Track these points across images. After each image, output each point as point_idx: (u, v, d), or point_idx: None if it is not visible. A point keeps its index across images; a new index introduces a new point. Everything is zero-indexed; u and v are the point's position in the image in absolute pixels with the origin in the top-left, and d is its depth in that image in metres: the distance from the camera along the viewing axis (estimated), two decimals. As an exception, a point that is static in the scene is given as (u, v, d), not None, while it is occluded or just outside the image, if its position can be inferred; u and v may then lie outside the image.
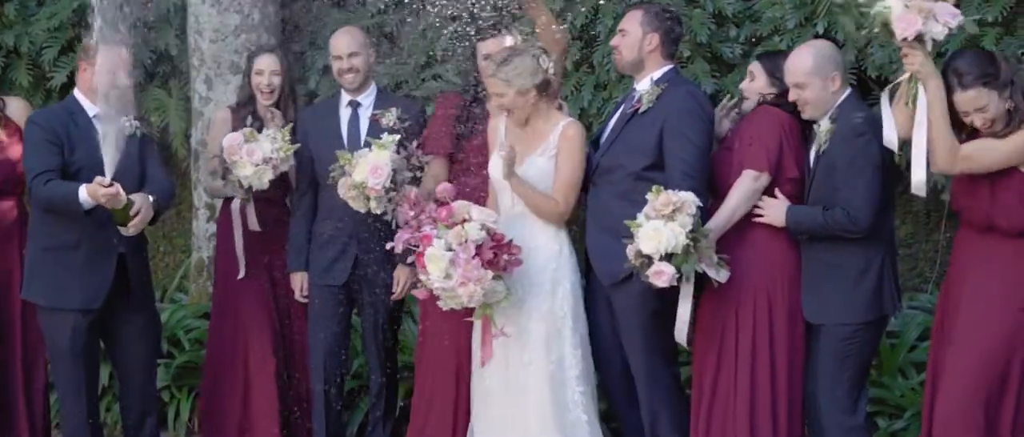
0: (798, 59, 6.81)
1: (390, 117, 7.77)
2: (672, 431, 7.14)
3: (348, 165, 7.24)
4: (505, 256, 6.69)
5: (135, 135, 7.40)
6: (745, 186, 6.80)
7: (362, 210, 7.31)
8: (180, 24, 10.06)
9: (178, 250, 10.78)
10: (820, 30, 8.70)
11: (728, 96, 7.46)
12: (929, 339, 7.02)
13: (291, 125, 7.74)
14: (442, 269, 6.59)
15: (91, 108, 7.39)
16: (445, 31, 9.46)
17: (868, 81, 8.64)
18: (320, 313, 7.85)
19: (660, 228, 6.45)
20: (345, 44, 7.84)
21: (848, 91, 6.82)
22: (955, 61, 6.37)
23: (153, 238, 10.04)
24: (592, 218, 7.16)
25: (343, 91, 7.93)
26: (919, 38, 6.22)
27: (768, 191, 6.84)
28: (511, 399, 6.99)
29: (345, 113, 7.89)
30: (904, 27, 6.21)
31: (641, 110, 7.07)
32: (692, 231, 6.47)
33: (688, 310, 6.73)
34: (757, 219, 6.80)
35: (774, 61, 7.02)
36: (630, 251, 6.56)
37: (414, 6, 9.65)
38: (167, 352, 8.83)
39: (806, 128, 6.92)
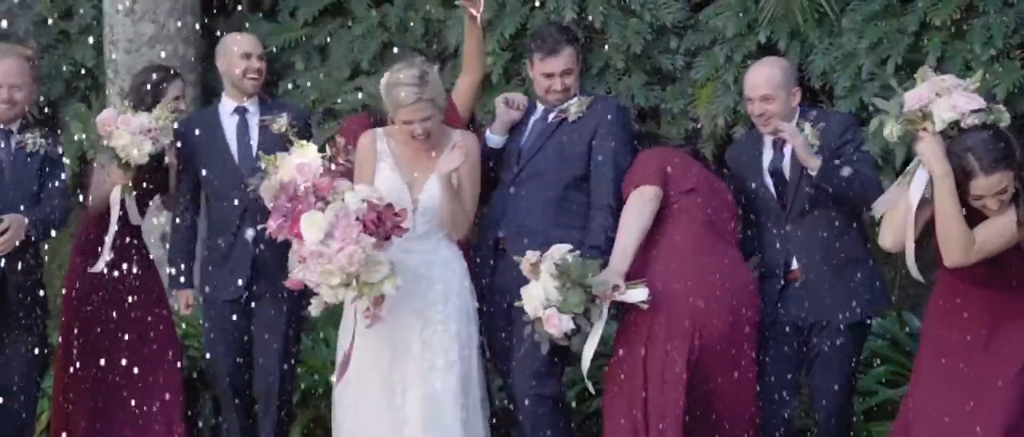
0: (766, 71, 6.77)
1: (281, 122, 7.44)
2: None
3: (272, 166, 6.88)
4: (389, 221, 6.31)
5: (37, 152, 7.17)
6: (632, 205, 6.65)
7: None
8: (98, 35, 9.66)
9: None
10: (762, 39, 8.37)
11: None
12: (878, 365, 6.98)
13: (172, 106, 7.42)
14: (320, 231, 6.21)
15: None
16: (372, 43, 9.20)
17: (811, 90, 8.33)
18: (218, 326, 7.53)
19: (529, 290, 6.34)
20: (252, 44, 7.55)
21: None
22: (968, 144, 5.87)
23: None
24: (512, 224, 6.91)
25: (226, 98, 7.57)
26: (925, 115, 5.88)
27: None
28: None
29: (231, 121, 7.51)
30: (912, 99, 5.91)
31: (570, 119, 6.95)
32: (561, 273, 6.26)
33: (591, 352, 6.39)
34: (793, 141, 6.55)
35: None
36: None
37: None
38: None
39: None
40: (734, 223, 6.77)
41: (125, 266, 7.69)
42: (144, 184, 7.44)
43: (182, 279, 7.62)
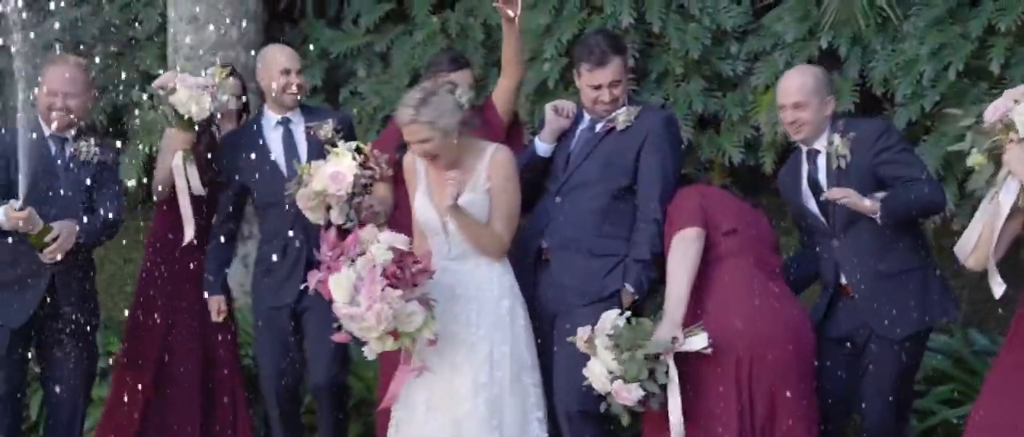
0: (799, 79, 6.67)
1: (327, 129, 7.47)
2: None
3: (307, 175, 6.96)
4: (410, 269, 6.23)
5: (91, 160, 7.28)
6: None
7: (320, 221, 6.99)
8: (163, 42, 9.72)
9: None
10: (823, 45, 8.20)
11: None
12: (941, 384, 6.88)
13: (226, 72, 7.50)
14: (347, 293, 6.18)
15: (47, 129, 7.28)
16: (433, 50, 9.18)
17: (873, 97, 8.15)
18: (267, 334, 7.56)
19: (591, 367, 6.30)
20: (291, 59, 7.57)
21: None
22: None
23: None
24: (557, 234, 6.83)
25: (269, 111, 7.59)
26: (1007, 125, 5.78)
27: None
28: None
29: (275, 133, 7.54)
30: (990, 113, 5.83)
31: (618, 129, 6.88)
32: (616, 344, 6.24)
33: (678, 407, 6.33)
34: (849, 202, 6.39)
35: None
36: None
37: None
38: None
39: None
40: (776, 255, 6.71)
41: (193, 272, 7.80)
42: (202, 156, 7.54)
43: (215, 286, 7.69)
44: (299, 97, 7.57)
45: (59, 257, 7.06)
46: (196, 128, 7.33)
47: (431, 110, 6.43)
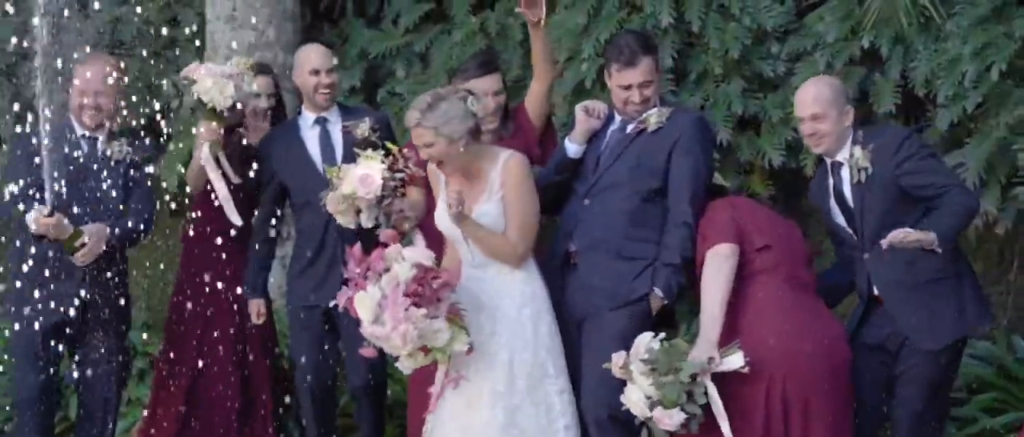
0: (815, 90, 6.59)
1: (364, 128, 7.49)
2: None
3: (336, 178, 6.98)
4: (431, 285, 6.15)
5: (123, 160, 7.34)
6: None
7: (350, 225, 7.02)
8: (201, 43, 9.70)
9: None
10: (865, 45, 8.03)
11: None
12: (982, 392, 6.76)
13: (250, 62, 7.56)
14: (372, 312, 6.13)
15: (79, 128, 7.35)
16: (471, 50, 9.14)
17: (915, 99, 7.99)
18: (303, 334, 7.57)
19: (628, 394, 6.24)
20: (323, 58, 7.59)
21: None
22: None
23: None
24: (585, 237, 6.74)
25: (306, 110, 7.62)
26: None
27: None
28: None
29: (312, 132, 7.58)
30: None
31: (649, 130, 6.81)
32: (652, 368, 6.16)
33: (727, 428, 6.25)
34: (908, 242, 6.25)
35: None
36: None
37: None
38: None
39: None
40: (809, 268, 6.61)
41: (230, 272, 7.84)
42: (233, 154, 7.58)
43: (256, 289, 7.73)
44: (331, 97, 7.56)
45: (90, 260, 7.09)
46: (224, 117, 7.31)
47: (437, 115, 6.39)
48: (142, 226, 7.38)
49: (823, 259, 7.15)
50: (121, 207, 7.32)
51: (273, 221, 7.68)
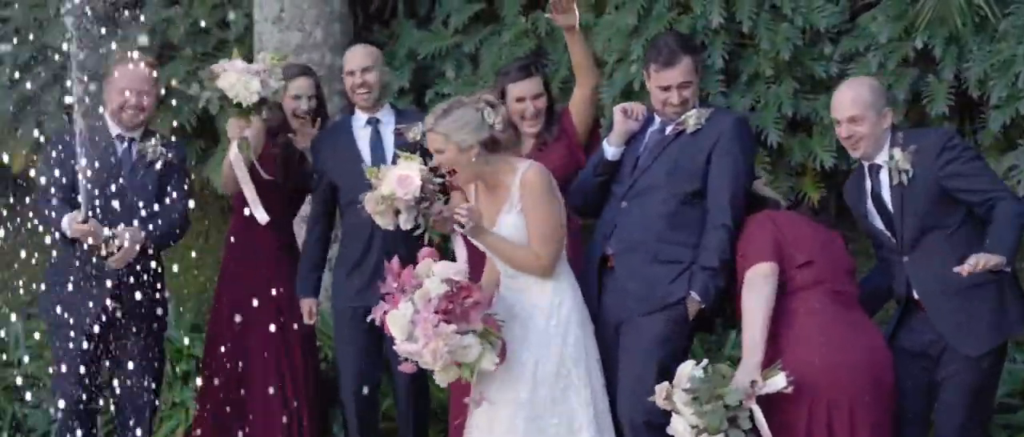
0: (853, 92, 6.47)
1: (416, 131, 7.46)
2: None
3: (375, 179, 6.85)
4: (462, 303, 6.08)
5: (157, 160, 7.34)
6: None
7: (389, 227, 6.85)
8: (249, 44, 9.66)
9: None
10: (918, 45, 7.85)
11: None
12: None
13: (282, 59, 7.53)
14: (404, 330, 6.10)
15: (114, 128, 7.36)
16: (520, 50, 9.09)
17: (969, 100, 7.81)
18: (348, 336, 7.54)
19: (674, 425, 6.16)
20: (358, 58, 7.62)
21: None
22: None
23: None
24: (622, 240, 6.67)
25: (358, 110, 7.66)
26: None
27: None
28: None
29: (364, 132, 7.62)
30: None
31: (688, 132, 6.72)
32: (694, 398, 6.08)
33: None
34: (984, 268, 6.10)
35: None
36: None
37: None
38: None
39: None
40: (851, 280, 6.49)
41: (277, 266, 7.83)
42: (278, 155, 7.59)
43: (307, 289, 7.69)
44: (369, 97, 7.55)
45: (124, 264, 7.10)
46: (250, 112, 7.27)
47: (450, 122, 6.32)
48: (177, 227, 7.38)
49: (870, 260, 6.98)
50: (156, 207, 7.31)
51: (323, 221, 7.68)
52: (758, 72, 8.36)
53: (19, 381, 9.07)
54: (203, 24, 9.91)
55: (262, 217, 7.45)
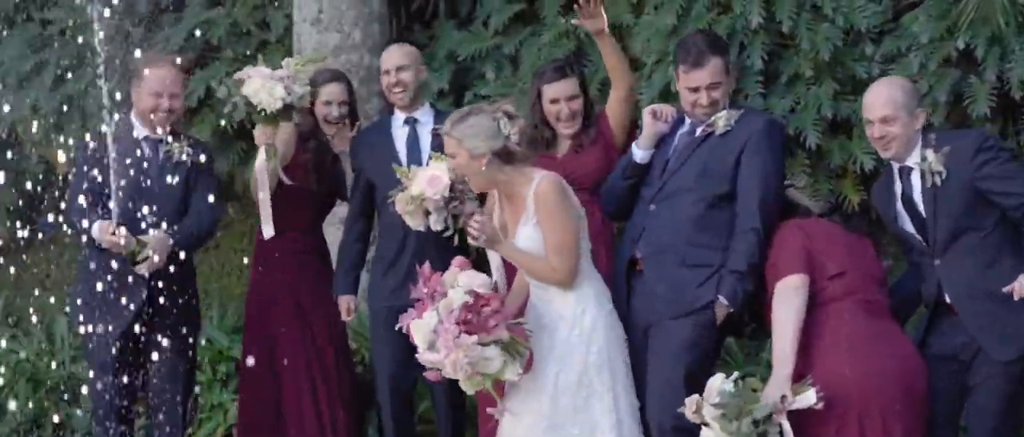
0: (886, 92, 6.38)
1: None
2: None
3: (405, 179, 6.98)
4: (481, 313, 6.02)
5: (184, 161, 7.33)
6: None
7: (420, 227, 7.03)
8: (289, 46, 9.66)
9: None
10: (960, 45, 7.71)
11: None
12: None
13: (308, 61, 7.52)
14: (427, 340, 6.06)
15: (141, 130, 7.35)
16: (560, 52, 8.99)
17: (1012, 103, 7.69)
18: (383, 336, 7.48)
19: None
20: (393, 58, 7.61)
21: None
22: None
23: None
24: (650, 243, 6.60)
25: (397, 110, 7.64)
26: None
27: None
28: None
29: (402, 132, 7.61)
30: None
31: (717, 133, 6.63)
32: (724, 413, 6.00)
33: None
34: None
35: None
36: None
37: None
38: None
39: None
40: (882, 289, 6.40)
41: (307, 269, 7.82)
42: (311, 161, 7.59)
43: (344, 286, 7.68)
44: (403, 96, 7.54)
45: (153, 270, 7.11)
46: (275, 118, 7.25)
47: (465, 128, 6.28)
48: (204, 231, 7.40)
49: (902, 262, 6.88)
50: (183, 209, 7.33)
51: (361, 220, 7.67)
52: (798, 73, 8.24)
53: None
54: (245, 26, 9.91)
55: (268, 232, 7.46)
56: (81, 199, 7.15)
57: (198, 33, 9.90)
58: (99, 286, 7.20)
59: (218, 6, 10.13)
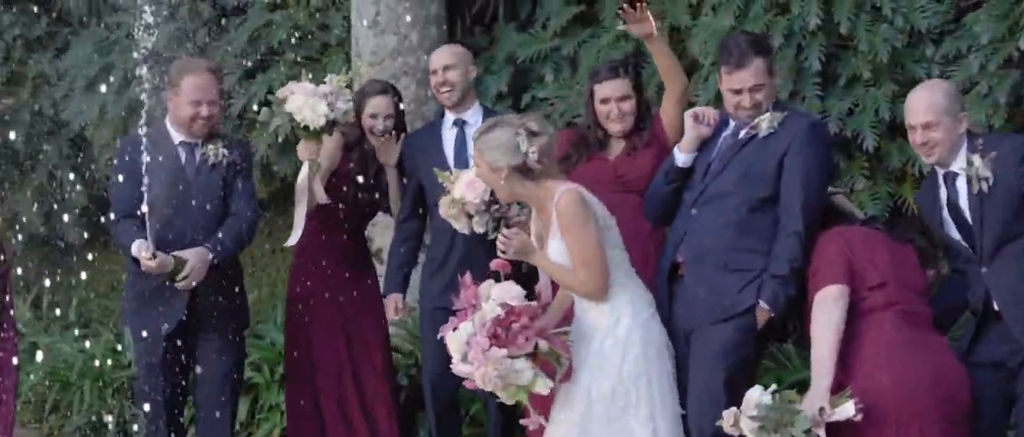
0: (928, 96, 6.27)
1: None
2: None
3: (447, 183, 7.01)
4: (504, 328, 5.95)
5: (220, 163, 7.30)
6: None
7: (464, 231, 7.06)
8: (348, 49, 9.69)
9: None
10: (1022, 45, 7.56)
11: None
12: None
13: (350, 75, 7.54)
14: (460, 351, 6.03)
15: (177, 136, 7.33)
16: (617, 53, 8.88)
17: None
18: (431, 337, 7.35)
19: None
20: (441, 58, 7.62)
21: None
22: None
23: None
24: (692, 248, 6.53)
25: (447, 111, 7.63)
26: None
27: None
28: None
29: (450, 133, 7.61)
30: None
31: (761, 136, 6.52)
32: (762, 426, 5.92)
33: None
34: None
35: None
36: None
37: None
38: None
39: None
40: (924, 299, 6.27)
41: (347, 275, 7.80)
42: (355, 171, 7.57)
43: (392, 284, 7.69)
44: (450, 96, 7.53)
45: (193, 285, 7.11)
46: (318, 134, 7.24)
47: (486, 140, 6.24)
48: (245, 231, 7.35)
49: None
50: (225, 209, 7.33)
51: (412, 221, 7.67)
52: (856, 75, 8.11)
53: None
54: (305, 30, 9.95)
55: (293, 239, 7.50)
56: (120, 211, 7.17)
57: (259, 37, 9.95)
58: (144, 290, 7.24)
59: (278, 9, 10.15)
